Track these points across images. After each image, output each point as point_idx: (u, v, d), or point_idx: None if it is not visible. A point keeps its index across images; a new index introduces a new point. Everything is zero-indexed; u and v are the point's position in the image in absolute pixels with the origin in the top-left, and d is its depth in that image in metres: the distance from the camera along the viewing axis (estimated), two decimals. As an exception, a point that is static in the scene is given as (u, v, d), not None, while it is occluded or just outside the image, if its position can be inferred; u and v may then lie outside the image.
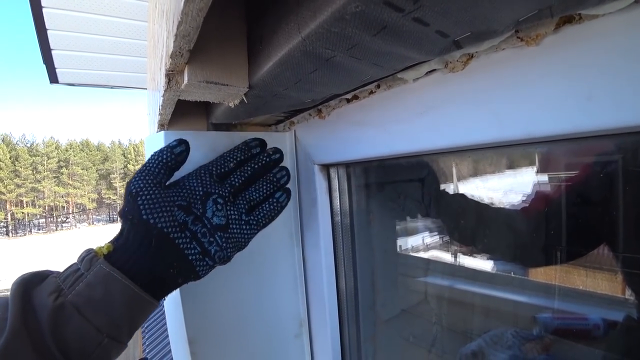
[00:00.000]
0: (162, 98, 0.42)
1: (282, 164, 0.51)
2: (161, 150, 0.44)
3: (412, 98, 0.38)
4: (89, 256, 0.38)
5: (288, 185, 0.50)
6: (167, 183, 0.44)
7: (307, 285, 0.66)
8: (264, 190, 0.47)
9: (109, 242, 0.40)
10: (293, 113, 0.55)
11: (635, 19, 0.23)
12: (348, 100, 0.46)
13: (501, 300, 0.54)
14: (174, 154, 0.44)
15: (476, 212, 0.52)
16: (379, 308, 0.71)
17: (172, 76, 0.36)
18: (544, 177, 0.42)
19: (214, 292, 0.55)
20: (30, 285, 0.36)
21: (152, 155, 0.44)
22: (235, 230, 0.43)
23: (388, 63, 0.31)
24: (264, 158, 0.49)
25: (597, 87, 0.25)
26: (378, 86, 0.41)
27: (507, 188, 0.46)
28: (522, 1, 0.22)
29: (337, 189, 0.59)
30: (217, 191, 0.44)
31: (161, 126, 0.57)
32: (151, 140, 0.55)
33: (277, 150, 0.50)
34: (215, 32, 0.34)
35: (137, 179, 0.42)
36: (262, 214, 0.46)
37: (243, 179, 0.47)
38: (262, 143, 0.51)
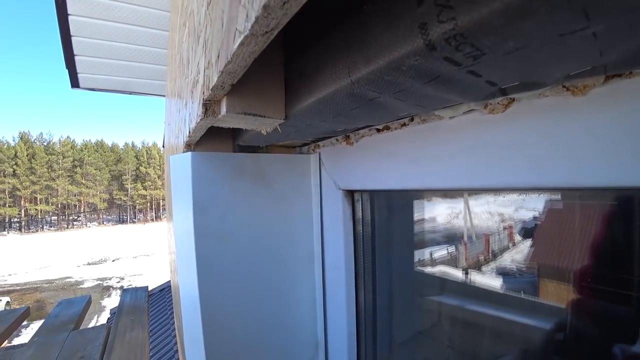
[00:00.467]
0: (195, 123, 0.42)
1: (305, 186, 0.50)
2: None
3: (448, 135, 0.38)
4: None
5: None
6: None
7: (325, 307, 0.65)
8: None
9: None
10: (320, 137, 0.55)
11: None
12: (378, 130, 0.45)
13: (518, 323, 0.52)
14: None
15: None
16: (397, 331, 0.70)
17: (209, 106, 0.36)
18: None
19: (233, 312, 0.55)
20: None
21: None
22: None
23: (430, 104, 0.31)
24: None
25: (644, 142, 0.25)
26: (411, 119, 0.41)
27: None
28: (579, 59, 0.22)
29: (361, 214, 0.58)
30: None
31: (188, 146, 0.57)
32: (178, 159, 0.55)
33: None
34: (255, 64, 0.35)
35: None
36: None
37: None
38: None
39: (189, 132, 0.49)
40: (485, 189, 0.37)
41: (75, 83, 3.06)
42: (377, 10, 0.23)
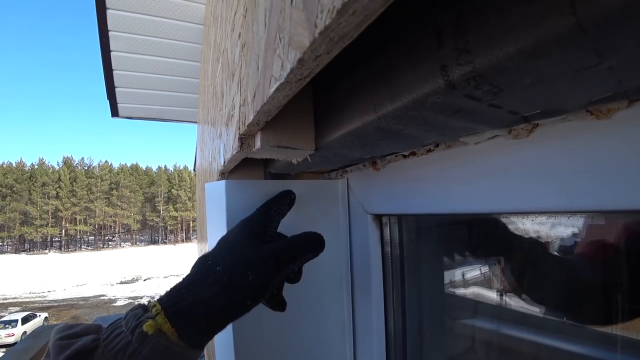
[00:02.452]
0: (230, 155, 0.45)
1: (333, 211, 0.51)
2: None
3: (473, 160, 0.38)
4: (139, 330, 0.36)
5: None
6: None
7: (355, 331, 0.65)
8: None
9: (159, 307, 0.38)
10: (347, 164, 0.57)
11: None
12: (405, 156, 0.47)
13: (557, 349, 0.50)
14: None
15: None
16: (426, 355, 0.69)
17: (244, 139, 0.39)
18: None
19: (264, 335, 0.56)
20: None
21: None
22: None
23: (455, 133, 0.32)
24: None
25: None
26: (437, 145, 0.42)
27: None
28: (599, 88, 0.23)
29: (389, 238, 0.59)
30: None
31: (222, 174, 0.61)
32: (213, 187, 0.58)
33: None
34: (287, 102, 0.38)
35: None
36: None
37: None
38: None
39: (224, 161, 0.53)
40: (511, 213, 0.37)
41: (115, 112, 3.28)
42: (399, 51, 0.25)
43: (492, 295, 0.56)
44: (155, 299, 0.40)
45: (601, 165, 0.30)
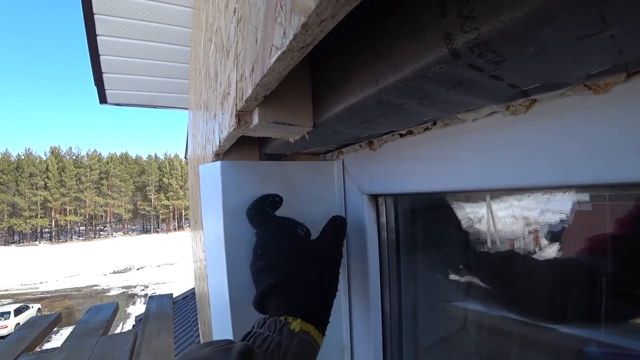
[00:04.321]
0: (227, 133, 0.45)
1: (329, 192, 0.53)
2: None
3: (470, 137, 0.39)
4: (287, 329, 0.42)
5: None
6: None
7: (351, 311, 0.66)
8: None
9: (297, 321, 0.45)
10: (343, 144, 0.57)
11: None
12: (402, 135, 0.47)
13: (545, 330, 0.51)
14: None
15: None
16: (423, 336, 0.70)
17: (241, 116, 0.38)
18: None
19: (261, 316, 0.56)
20: None
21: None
22: None
23: (453, 108, 0.32)
24: None
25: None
26: (434, 123, 0.42)
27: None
28: (599, 59, 0.23)
29: (385, 218, 0.59)
30: None
31: (217, 155, 0.60)
32: (207, 168, 0.58)
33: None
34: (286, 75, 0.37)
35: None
36: None
37: None
38: None
39: (219, 141, 0.52)
40: (508, 189, 0.38)
41: (103, 99, 3.21)
42: (402, 21, 0.25)
43: (487, 276, 0.57)
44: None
45: (597, 140, 0.30)
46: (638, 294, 0.40)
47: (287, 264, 0.47)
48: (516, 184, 0.37)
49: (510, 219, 0.50)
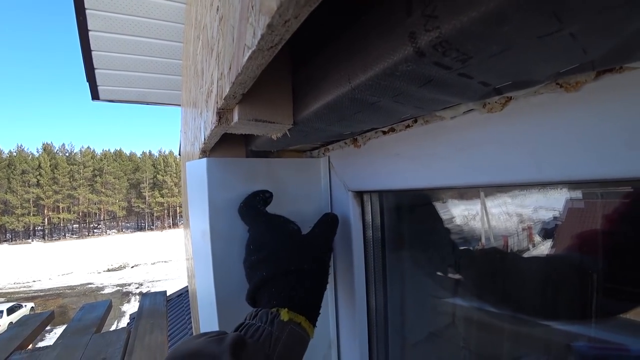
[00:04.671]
0: (210, 131, 0.45)
1: (315, 189, 0.54)
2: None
3: (449, 135, 0.39)
4: (278, 320, 0.43)
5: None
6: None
7: (337, 307, 0.66)
8: None
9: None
10: (328, 141, 0.57)
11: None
12: (384, 132, 0.47)
13: (534, 325, 0.52)
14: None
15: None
16: (408, 331, 0.71)
17: (222, 114, 0.39)
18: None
19: (248, 310, 0.57)
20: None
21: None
22: None
23: (429, 106, 0.33)
24: None
25: (636, 134, 0.26)
26: (415, 121, 0.42)
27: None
28: (565, 58, 0.23)
29: (370, 215, 0.60)
30: None
31: (203, 152, 0.60)
32: (194, 165, 0.58)
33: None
34: (264, 73, 0.37)
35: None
36: None
37: None
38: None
39: (204, 139, 0.52)
40: (486, 185, 0.38)
41: (95, 95, 3.18)
42: (374, 21, 0.25)
43: (473, 270, 0.58)
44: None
45: (569, 138, 0.31)
46: (619, 288, 0.41)
47: (279, 258, 0.48)
48: (493, 180, 0.37)
49: (494, 216, 0.51)
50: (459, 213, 0.56)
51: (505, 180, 0.35)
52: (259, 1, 0.21)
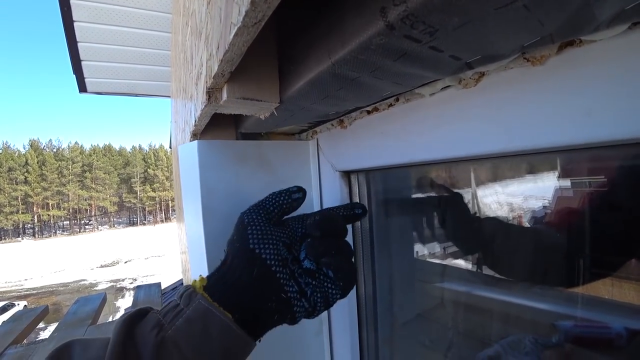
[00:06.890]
0: (200, 111, 0.46)
1: (305, 171, 0.54)
2: (280, 193, 0.46)
3: (429, 111, 0.41)
4: (188, 291, 0.38)
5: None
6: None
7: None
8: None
9: (204, 276, 0.40)
10: (316, 123, 0.59)
11: (628, 44, 0.26)
12: (369, 112, 0.49)
13: (519, 306, 0.55)
14: (291, 199, 0.45)
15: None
16: (396, 311, 0.74)
17: (212, 93, 0.40)
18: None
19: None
20: (133, 321, 0.37)
21: (270, 195, 0.46)
22: (321, 279, 0.41)
23: (407, 81, 0.35)
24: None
25: (596, 104, 0.28)
26: (397, 99, 0.45)
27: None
28: (525, 30, 0.25)
29: (357, 194, 0.62)
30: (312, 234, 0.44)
31: (194, 135, 0.62)
32: (185, 148, 0.59)
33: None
34: (251, 53, 0.39)
35: (250, 211, 0.44)
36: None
37: None
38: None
39: (195, 121, 0.54)
40: (465, 158, 0.41)
41: (82, 88, 3.13)
42: (352, 1, 0.27)
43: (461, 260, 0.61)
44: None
45: (537, 110, 0.33)
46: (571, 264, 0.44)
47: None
48: (470, 153, 0.40)
49: (481, 193, 0.53)
50: (445, 189, 0.59)
51: (481, 152, 0.38)
52: (242, -20, 0.23)
